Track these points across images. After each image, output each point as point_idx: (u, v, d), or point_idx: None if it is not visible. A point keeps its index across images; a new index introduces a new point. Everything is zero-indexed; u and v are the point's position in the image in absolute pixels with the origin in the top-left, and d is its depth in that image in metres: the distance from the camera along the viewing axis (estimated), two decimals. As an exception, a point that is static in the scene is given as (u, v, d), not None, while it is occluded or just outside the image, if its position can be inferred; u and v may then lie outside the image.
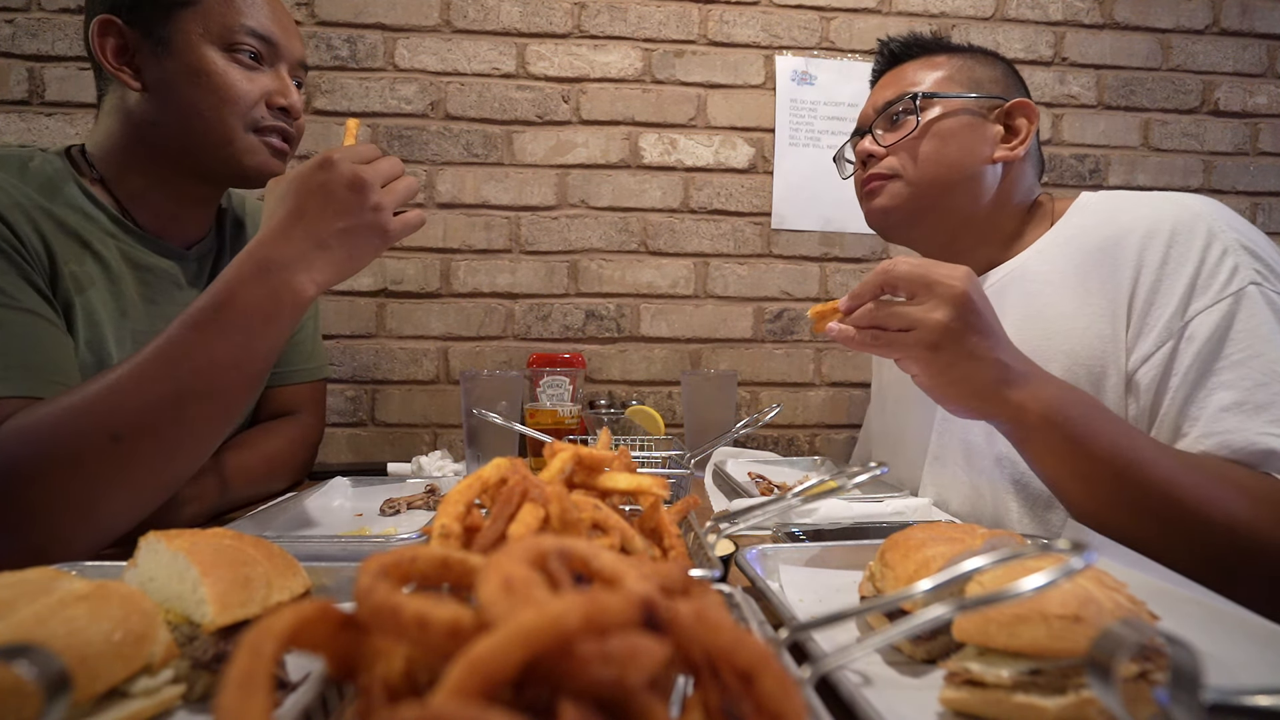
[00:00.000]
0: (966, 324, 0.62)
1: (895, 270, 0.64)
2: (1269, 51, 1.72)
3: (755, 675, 0.22)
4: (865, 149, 0.91)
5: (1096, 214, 0.83)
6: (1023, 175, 0.90)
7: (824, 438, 1.66)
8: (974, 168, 0.86)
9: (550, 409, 1.10)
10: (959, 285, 0.62)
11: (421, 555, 0.27)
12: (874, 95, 0.95)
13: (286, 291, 0.64)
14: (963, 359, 0.63)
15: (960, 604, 0.33)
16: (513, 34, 1.56)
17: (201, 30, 0.78)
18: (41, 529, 0.59)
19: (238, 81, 0.79)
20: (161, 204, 0.85)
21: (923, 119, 0.86)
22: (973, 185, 0.86)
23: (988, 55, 0.92)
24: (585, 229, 1.59)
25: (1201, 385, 0.69)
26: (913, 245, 0.97)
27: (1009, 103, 0.87)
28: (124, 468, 0.60)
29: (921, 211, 0.88)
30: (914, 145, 0.86)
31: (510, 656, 0.20)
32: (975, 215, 0.88)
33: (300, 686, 0.31)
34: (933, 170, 0.86)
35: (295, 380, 1.06)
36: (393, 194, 0.68)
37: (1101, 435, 0.62)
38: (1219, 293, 0.70)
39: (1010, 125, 0.88)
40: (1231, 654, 0.40)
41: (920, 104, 0.86)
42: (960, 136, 0.86)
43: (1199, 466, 0.64)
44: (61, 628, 0.33)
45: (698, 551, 0.50)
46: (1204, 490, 0.61)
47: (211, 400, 0.63)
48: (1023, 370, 0.64)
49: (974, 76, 0.89)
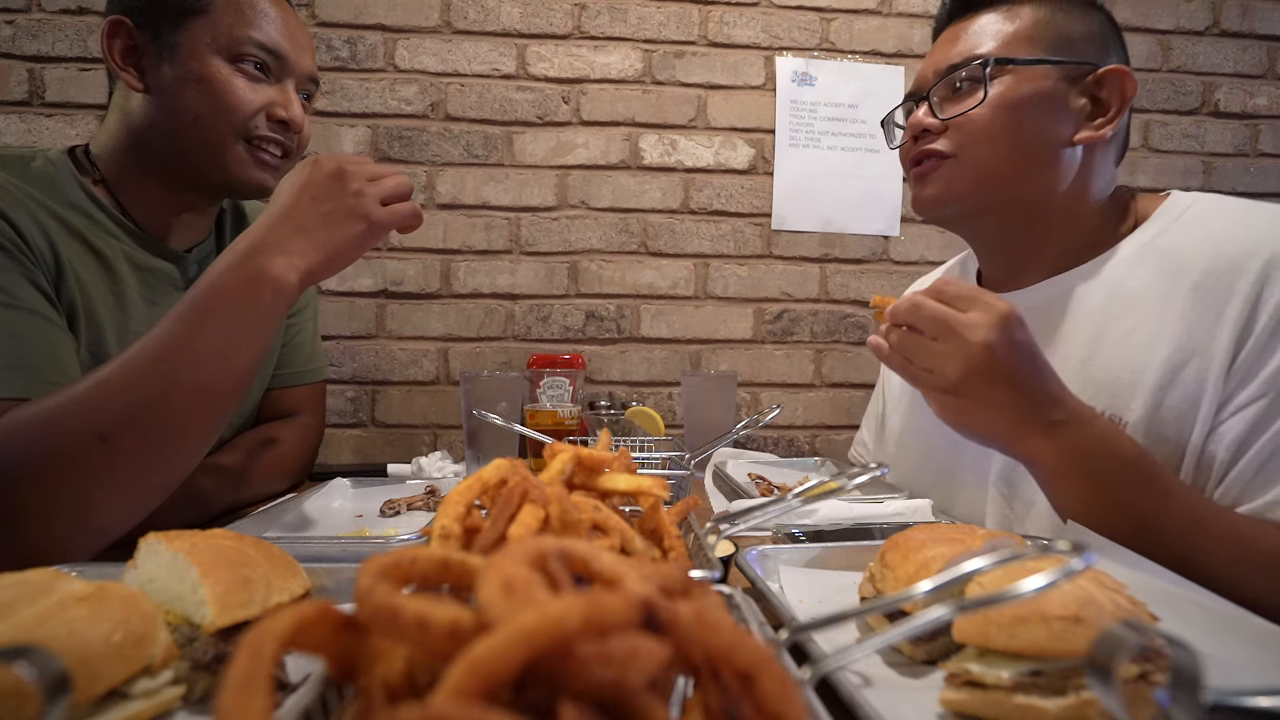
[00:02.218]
0: (986, 378, 0.58)
1: (921, 309, 0.60)
2: (1269, 53, 1.73)
3: (755, 676, 0.22)
4: (919, 122, 0.76)
5: (1200, 223, 0.70)
6: (1106, 161, 0.76)
7: (824, 438, 1.66)
8: (1050, 151, 0.72)
9: (550, 410, 1.10)
10: (980, 337, 0.57)
11: (421, 556, 0.27)
12: (935, 52, 0.79)
13: (265, 276, 0.63)
14: (979, 408, 0.60)
15: (960, 605, 0.33)
16: (513, 35, 1.56)
17: (209, 38, 0.78)
18: (33, 530, 0.58)
19: (239, 91, 0.80)
20: (160, 206, 0.85)
21: (991, 90, 0.71)
22: (1047, 172, 0.73)
23: (1085, 6, 0.76)
24: (585, 230, 1.59)
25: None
26: (968, 239, 0.86)
27: (1100, 70, 0.71)
28: (113, 467, 0.59)
29: (982, 203, 0.76)
30: (979, 121, 0.72)
31: (510, 657, 0.20)
32: (1047, 207, 0.75)
33: (300, 688, 0.31)
34: (1000, 154, 0.73)
35: (295, 382, 1.06)
36: (377, 185, 0.68)
37: (1124, 493, 0.58)
38: None
39: (1099, 98, 0.72)
40: (1231, 654, 0.40)
41: (990, 72, 0.71)
42: (1037, 112, 0.71)
43: (1245, 538, 0.57)
44: (62, 629, 0.33)
45: (698, 552, 0.50)
46: (1237, 566, 0.56)
47: (198, 395, 0.62)
48: (1055, 419, 0.59)
49: (1062, 34, 0.73)
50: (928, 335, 0.61)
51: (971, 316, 0.59)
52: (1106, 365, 0.70)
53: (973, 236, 0.85)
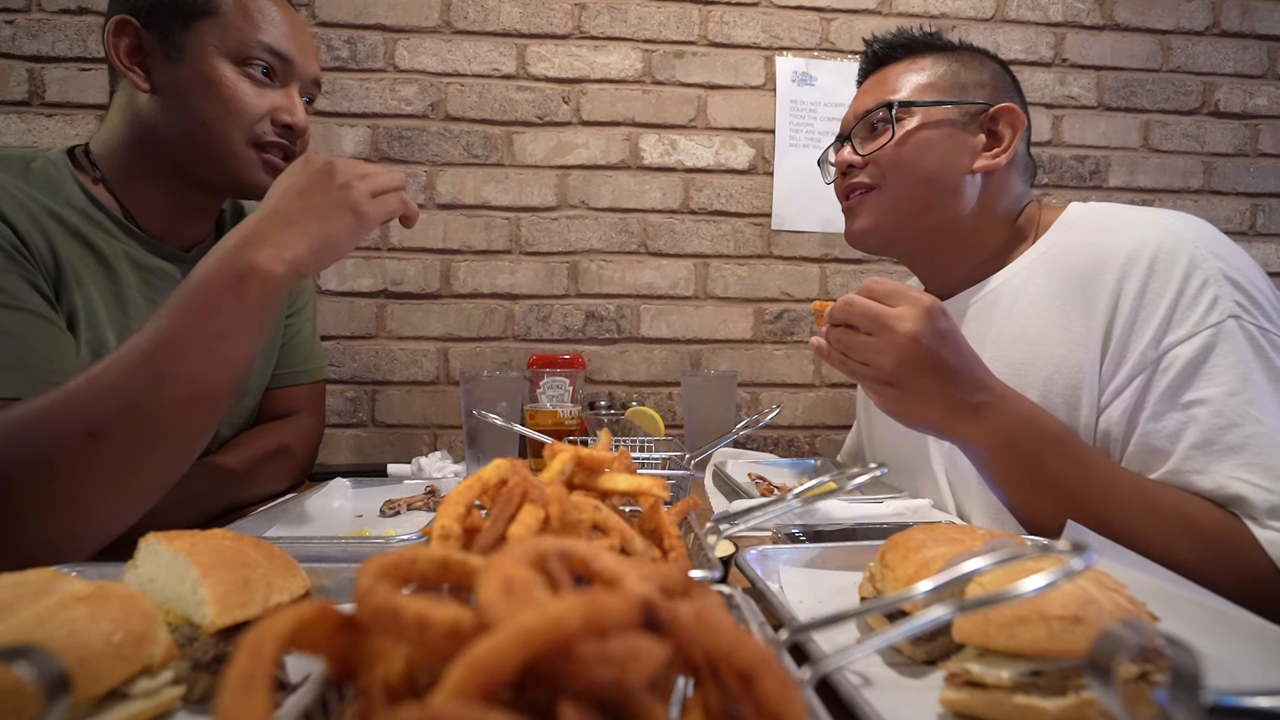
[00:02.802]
0: (916, 366, 0.64)
1: (853, 307, 0.67)
2: (1269, 53, 1.73)
3: (755, 676, 0.22)
4: (844, 159, 0.88)
5: (1083, 231, 0.79)
6: (1008, 184, 0.86)
7: (824, 439, 1.66)
8: (953, 179, 0.82)
9: (550, 410, 1.10)
10: (908, 328, 0.63)
11: (421, 556, 0.27)
12: (856, 100, 0.91)
13: (251, 269, 0.63)
14: (912, 395, 0.66)
15: (960, 605, 0.33)
16: (513, 35, 1.56)
17: (217, 41, 0.78)
18: (26, 529, 0.58)
19: (246, 95, 0.80)
20: (160, 206, 0.85)
21: (899, 129, 0.83)
22: (952, 198, 0.83)
23: (977, 55, 0.88)
24: (585, 230, 1.59)
25: (1172, 420, 0.66)
26: (900, 261, 0.96)
27: (992, 109, 0.83)
28: (104, 465, 0.59)
29: (899, 228, 0.86)
30: (891, 156, 0.83)
31: (510, 657, 0.20)
32: (957, 228, 0.85)
33: (300, 688, 0.31)
34: (911, 183, 0.83)
35: (294, 382, 1.06)
36: (366, 179, 0.69)
37: (1049, 467, 0.64)
38: (1196, 325, 0.67)
39: (994, 132, 0.83)
40: (1231, 654, 0.40)
41: (897, 113, 0.83)
42: (938, 147, 0.82)
43: (1154, 501, 0.64)
44: (61, 629, 0.33)
45: (698, 553, 0.50)
46: (1148, 526, 0.62)
47: (190, 391, 0.62)
48: (980, 401, 0.65)
49: (958, 81, 0.84)
50: (861, 331, 0.67)
51: (899, 310, 0.64)
52: (1007, 359, 0.79)
53: (900, 258, 0.95)
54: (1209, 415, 0.64)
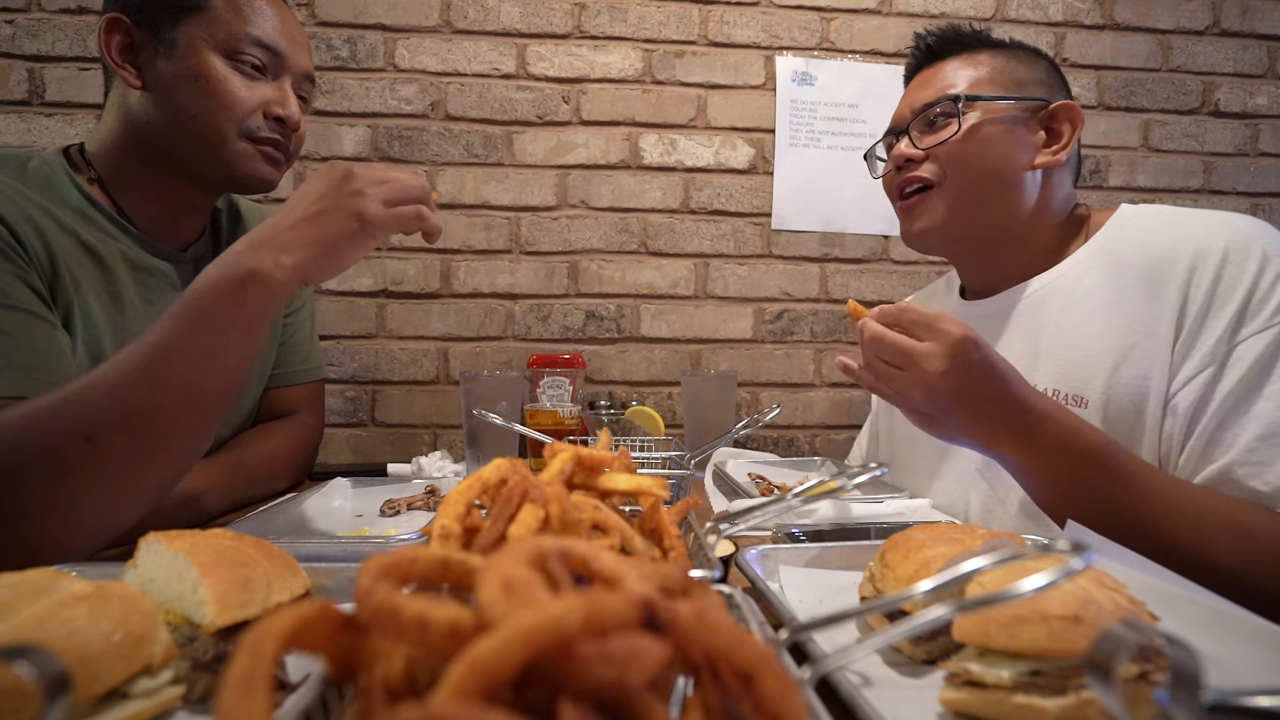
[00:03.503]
0: (948, 401, 0.64)
1: (883, 342, 0.66)
2: (1269, 52, 1.73)
3: (755, 676, 0.22)
4: (902, 153, 0.87)
5: (1141, 229, 0.80)
6: (1062, 182, 0.87)
7: (824, 438, 1.66)
8: (1015, 175, 0.83)
9: (550, 409, 1.10)
10: (935, 368, 0.62)
11: (421, 556, 0.27)
12: (910, 94, 0.90)
13: (250, 273, 0.62)
14: (948, 424, 0.67)
15: (960, 605, 0.33)
16: (513, 34, 1.56)
17: (206, 35, 0.79)
18: (21, 530, 0.58)
19: (236, 89, 0.80)
20: (155, 205, 0.85)
21: (964, 123, 0.82)
22: (1013, 194, 0.83)
23: (1030, 53, 0.88)
24: (585, 229, 1.59)
25: (1238, 412, 0.67)
26: (950, 259, 0.95)
27: (1052, 105, 0.83)
28: (100, 467, 0.59)
29: (962, 224, 0.85)
30: (954, 150, 0.83)
31: (510, 657, 0.20)
32: (1015, 225, 0.85)
33: (300, 687, 0.31)
34: (973, 177, 0.83)
35: (293, 381, 1.06)
36: (381, 187, 0.67)
37: (1088, 482, 0.64)
38: (1269, 319, 0.67)
39: (1052, 129, 0.84)
40: (1231, 654, 0.40)
41: (961, 107, 0.82)
42: (1002, 142, 0.82)
43: (1202, 511, 0.63)
44: (61, 628, 0.33)
45: (698, 552, 0.50)
46: (1197, 536, 0.61)
47: (186, 395, 0.61)
48: (1018, 424, 0.64)
49: (1016, 77, 0.85)
50: (891, 364, 0.66)
51: (926, 346, 0.63)
52: (1065, 353, 0.79)
53: (953, 256, 0.95)
54: (1274, 409, 0.65)
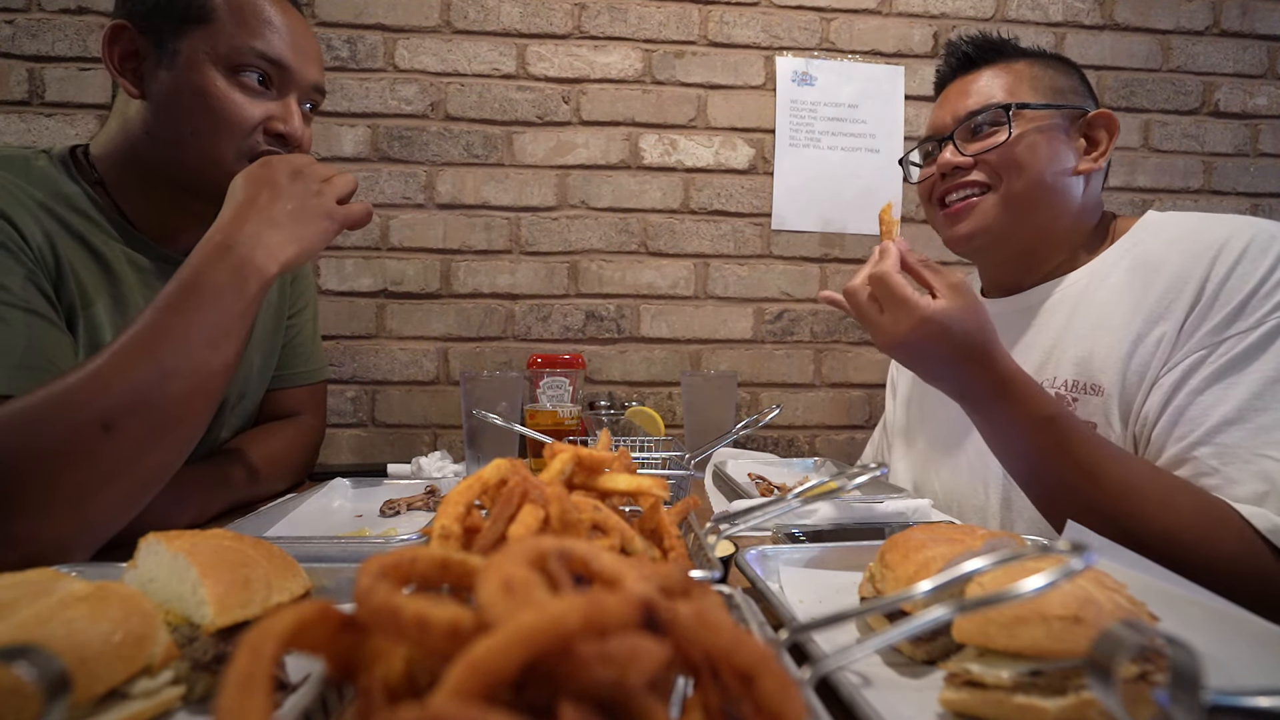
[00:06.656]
0: (914, 357, 0.70)
1: (877, 276, 0.70)
2: (1269, 53, 1.73)
3: (755, 676, 0.22)
4: (949, 161, 0.87)
5: (1167, 231, 0.81)
6: (1099, 187, 0.90)
7: (824, 438, 1.66)
8: (1061, 180, 0.85)
9: (550, 410, 1.10)
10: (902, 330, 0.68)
11: (421, 556, 0.27)
12: (950, 101, 0.91)
13: (249, 268, 0.67)
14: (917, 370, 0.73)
15: (960, 605, 0.33)
16: (513, 35, 1.56)
17: (209, 48, 0.76)
18: (30, 524, 0.58)
19: (237, 105, 0.78)
20: (156, 211, 0.85)
21: (1014, 129, 0.84)
22: (1060, 199, 0.85)
23: (1063, 62, 0.90)
24: (585, 230, 1.59)
25: (1213, 393, 0.68)
26: (988, 261, 0.97)
27: (1090, 114, 0.86)
28: (115, 456, 0.59)
29: (1011, 227, 0.87)
30: (1007, 156, 0.84)
31: (510, 657, 0.20)
32: (1059, 228, 0.87)
33: (300, 688, 0.31)
34: (1027, 182, 0.84)
35: (295, 383, 1.06)
36: (332, 185, 0.75)
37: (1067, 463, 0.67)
38: (1265, 315, 0.68)
39: (1091, 136, 0.86)
40: (1231, 654, 0.40)
41: (1012, 114, 0.84)
42: (1048, 148, 0.84)
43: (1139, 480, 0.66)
44: (61, 629, 0.33)
45: (698, 552, 0.50)
46: (1127, 503, 0.64)
47: (193, 382, 0.64)
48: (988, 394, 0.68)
49: (1056, 85, 0.87)
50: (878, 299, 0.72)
51: (911, 303, 0.68)
52: (1085, 345, 0.81)
53: (994, 258, 0.95)
54: (1249, 396, 0.66)
